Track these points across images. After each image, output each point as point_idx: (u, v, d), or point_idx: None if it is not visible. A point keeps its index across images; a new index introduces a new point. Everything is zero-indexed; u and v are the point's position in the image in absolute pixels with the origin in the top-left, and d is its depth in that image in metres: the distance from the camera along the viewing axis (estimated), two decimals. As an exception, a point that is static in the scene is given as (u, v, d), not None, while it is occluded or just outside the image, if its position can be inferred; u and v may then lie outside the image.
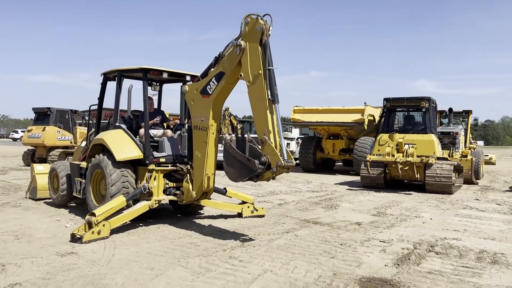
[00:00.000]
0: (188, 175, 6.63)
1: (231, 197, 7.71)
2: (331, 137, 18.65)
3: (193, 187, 6.50)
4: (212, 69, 6.15)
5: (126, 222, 6.44)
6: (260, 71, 5.52)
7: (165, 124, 8.00)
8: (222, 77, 5.97)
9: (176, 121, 8.11)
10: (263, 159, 5.35)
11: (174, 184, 7.01)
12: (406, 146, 12.03)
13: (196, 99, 6.33)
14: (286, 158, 5.31)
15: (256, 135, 5.66)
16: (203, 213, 7.94)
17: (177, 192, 6.87)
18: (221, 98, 6.25)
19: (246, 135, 5.70)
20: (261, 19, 5.53)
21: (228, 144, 5.71)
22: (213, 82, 6.07)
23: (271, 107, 5.47)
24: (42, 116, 18.02)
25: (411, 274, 4.63)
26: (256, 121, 5.59)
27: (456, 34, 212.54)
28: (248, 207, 7.67)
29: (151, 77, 7.60)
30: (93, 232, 5.68)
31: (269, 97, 5.46)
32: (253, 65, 5.59)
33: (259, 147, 5.50)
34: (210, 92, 6.12)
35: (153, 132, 7.42)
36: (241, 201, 7.73)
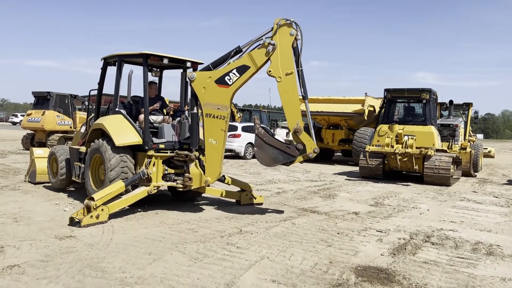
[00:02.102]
0: (197, 161, 6.74)
1: (229, 184, 7.74)
2: (331, 127, 18.65)
3: (207, 172, 6.64)
4: (231, 61, 6.50)
5: (125, 207, 6.47)
6: (292, 70, 6.30)
7: (164, 111, 7.98)
8: (246, 71, 6.40)
9: (170, 106, 8.10)
10: (299, 146, 6.23)
11: (173, 170, 7.02)
12: (406, 138, 12.03)
13: (210, 88, 6.53)
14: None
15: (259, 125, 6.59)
16: (202, 200, 7.97)
17: (177, 178, 6.88)
18: (237, 89, 6.61)
19: (257, 123, 6.76)
20: (295, 24, 6.31)
21: (262, 133, 6.43)
22: (234, 73, 6.44)
23: (304, 102, 6.46)
24: (42, 100, 17.96)
25: (406, 263, 4.67)
26: (288, 114, 6.34)
27: (457, 26, 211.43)
28: (247, 195, 7.70)
29: (152, 63, 7.57)
30: (91, 216, 5.71)
31: (302, 94, 6.46)
32: (284, 64, 6.29)
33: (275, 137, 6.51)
34: (230, 83, 6.47)
35: (152, 118, 7.41)
36: (240, 189, 7.76)
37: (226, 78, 6.46)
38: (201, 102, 6.59)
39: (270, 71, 6.36)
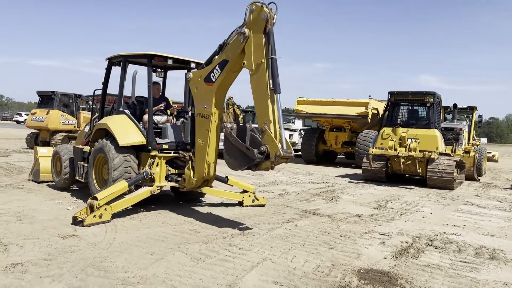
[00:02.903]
0: (190, 162, 6.66)
1: (232, 185, 7.74)
2: (334, 130, 18.63)
3: (194, 174, 6.53)
4: (216, 57, 6.13)
5: (128, 207, 6.48)
6: (263, 60, 5.45)
7: (168, 111, 8.00)
8: (226, 65, 5.94)
9: (174, 107, 8.11)
10: (262, 148, 5.34)
11: (176, 171, 7.03)
12: (409, 141, 12.01)
13: (200, 87, 6.32)
14: (285, 148, 5.26)
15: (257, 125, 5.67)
16: (204, 201, 7.98)
17: (179, 179, 6.90)
18: (224, 86, 6.23)
19: (248, 124, 5.71)
20: (266, 7, 5.45)
21: (229, 133, 5.71)
22: (216, 69, 6.05)
23: (273, 97, 5.43)
24: (46, 99, 18.04)
25: (409, 267, 4.66)
26: (257, 111, 5.56)
27: (462, 30, 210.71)
28: (249, 196, 7.70)
29: (156, 63, 7.58)
30: (94, 215, 5.72)
31: (271, 86, 5.41)
32: (256, 54, 5.53)
33: (260, 136, 5.49)
34: (214, 80, 6.09)
35: (156, 118, 7.43)
36: (242, 190, 7.76)
37: (211, 75, 6.14)
38: (194, 102, 6.50)
39: (244, 63, 5.68)
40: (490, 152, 19.42)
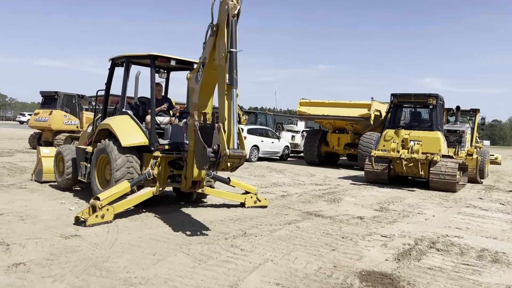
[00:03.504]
0: (185, 163, 6.67)
1: (234, 186, 7.74)
2: (337, 131, 18.61)
3: (187, 175, 6.54)
4: (201, 55, 6.07)
5: (130, 208, 6.50)
6: (223, 54, 5.24)
7: (171, 112, 8.01)
8: (205, 63, 5.85)
9: (176, 108, 8.12)
10: (214, 147, 5.10)
11: (179, 171, 7.04)
12: (412, 143, 11.99)
13: (192, 87, 6.31)
14: (235, 147, 5.00)
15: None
16: (206, 202, 7.98)
17: (181, 179, 6.90)
18: (208, 85, 6.05)
19: (217, 123, 5.34)
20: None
21: (195, 131, 5.60)
22: (201, 68, 5.98)
23: (229, 93, 5.16)
24: (50, 100, 18.09)
25: (411, 269, 4.65)
26: (219, 108, 5.32)
27: (466, 32, 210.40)
28: (251, 197, 7.70)
29: (159, 64, 7.59)
30: (97, 216, 5.73)
31: (227, 81, 5.14)
32: (222, 48, 5.31)
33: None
34: (199, 79, 6.02)
35: (159, 119, 7.44)
36: (244, 191, 7.77)
37: (198, 74, 6.07)
38: (190, 101, 6.50)
39: (214, 59, 5.50)
40: (493, 155, 19.37)
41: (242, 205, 7.67)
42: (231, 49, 5.17)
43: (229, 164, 5.08)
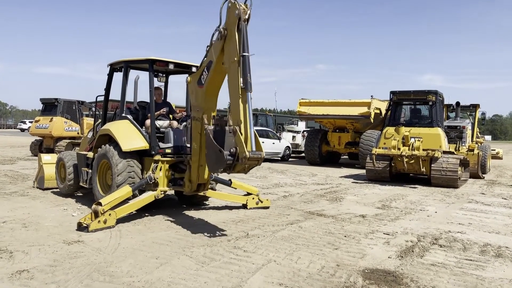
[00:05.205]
0: (188, 166, 6.69)
1: (236, 188, 7.75)
2: (337, 130, 18.62)
3: (190, 178, 6.55)
4: (205, 59, 6.11)
5: (132, 212, 6.51)
6: (235, 58, 5.32)
7: (171, 116, 8.03)
8: (211, 66, 5.89)
9: (182, 113, 8.14)
10: (232, 150, 5.18)
11: (180, 175, 7.05)
12: (412, 140, 11.99)
13: (194, 90, 6.34)
14: (254, 149, 5.09)
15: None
16: (208, 204, 7.99)
17: (182, 183, 6.92)
18: (213, 88, 6.13)
19: (228, 126, 5.48)
20: (239, 4, 5.35)
21: (206, 135, 5.63)
22: (205, 72, 6.02)
23: (244, 96, 5.25)
24: (50, 106, 18.13)
25: (414, 266, 4.65)
26: (231, 111, 5.40)
27: (465, 28, 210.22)
28: (253, 198, 7.71)
29: (157, 68, 7.62)
30: (99, 221, 5.74)
31: (241, 85, 5.23)
32: (232, 52, 5.41)
33: None
34: (203, 82, 6.07)
35: (159, 123, 7.45)
36: (246, 193, 7.77)
37: (201, 77, 6.12)
38: (191, 105, 6.54)
39: (223, 63, 5.59)
40: (494, 150, 19.34)
41: (244, 206, 7.68)
42: (244, 53, 5.25)
43: (246, 166, 5.19)
